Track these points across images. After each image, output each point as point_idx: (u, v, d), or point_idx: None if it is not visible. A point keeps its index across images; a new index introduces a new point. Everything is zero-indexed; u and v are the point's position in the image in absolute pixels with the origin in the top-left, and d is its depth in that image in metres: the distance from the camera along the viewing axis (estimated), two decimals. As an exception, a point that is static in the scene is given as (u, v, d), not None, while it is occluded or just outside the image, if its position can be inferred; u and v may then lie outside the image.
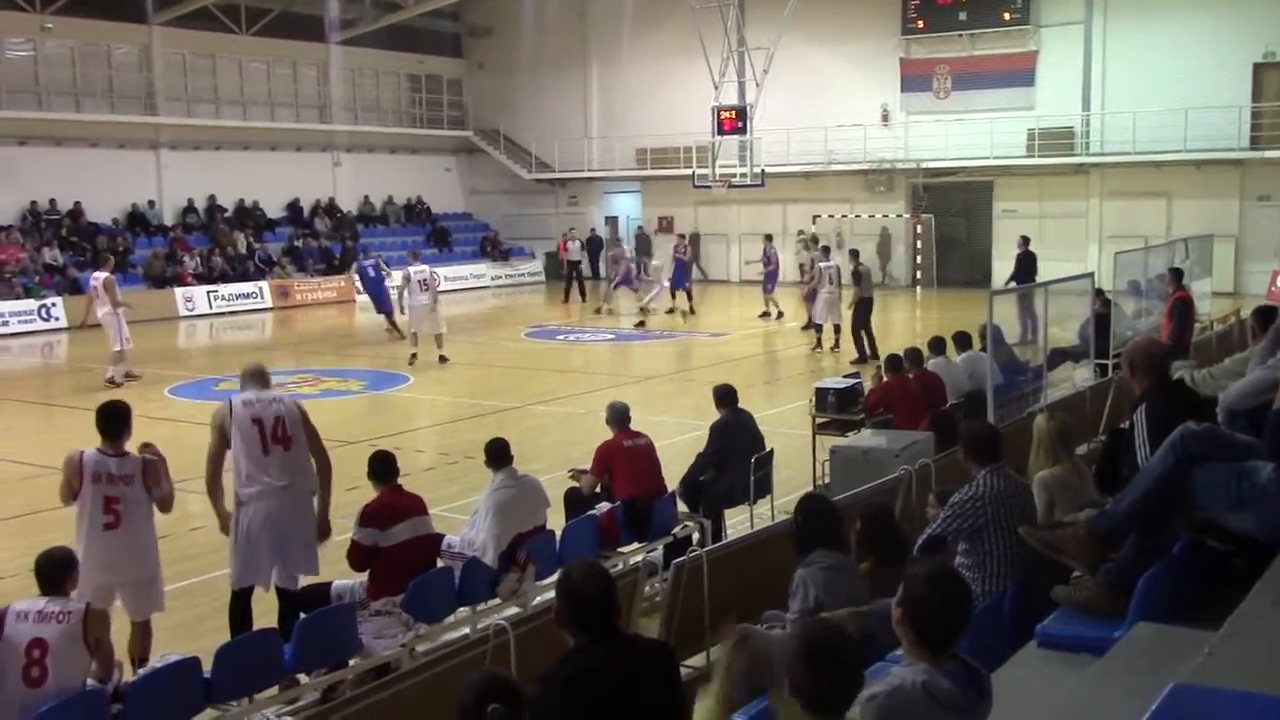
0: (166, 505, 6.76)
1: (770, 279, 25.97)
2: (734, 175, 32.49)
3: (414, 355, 20.41)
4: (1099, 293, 14.27)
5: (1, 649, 5.23)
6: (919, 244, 34.27)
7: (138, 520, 6.68)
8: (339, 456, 13.69)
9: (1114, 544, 5.04)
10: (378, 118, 40.15)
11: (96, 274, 19.57)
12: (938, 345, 12.02)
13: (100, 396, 17.32)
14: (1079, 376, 13.14)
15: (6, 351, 25.51)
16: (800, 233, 31.31)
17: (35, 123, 30.92)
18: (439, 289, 21.25)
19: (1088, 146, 31.45)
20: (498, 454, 7.75)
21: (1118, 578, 4.88)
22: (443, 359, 20.28)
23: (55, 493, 6.85)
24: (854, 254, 21.82)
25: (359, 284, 26.76)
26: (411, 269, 21.25)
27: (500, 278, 38.91)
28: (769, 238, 28.65)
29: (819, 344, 20.52)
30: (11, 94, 30.72)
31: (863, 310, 19.40)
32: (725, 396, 9.65)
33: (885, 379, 11.15)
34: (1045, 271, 22.10)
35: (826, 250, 23.18)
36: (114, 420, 6.70)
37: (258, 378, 7.15)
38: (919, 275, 34.15)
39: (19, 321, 27.42)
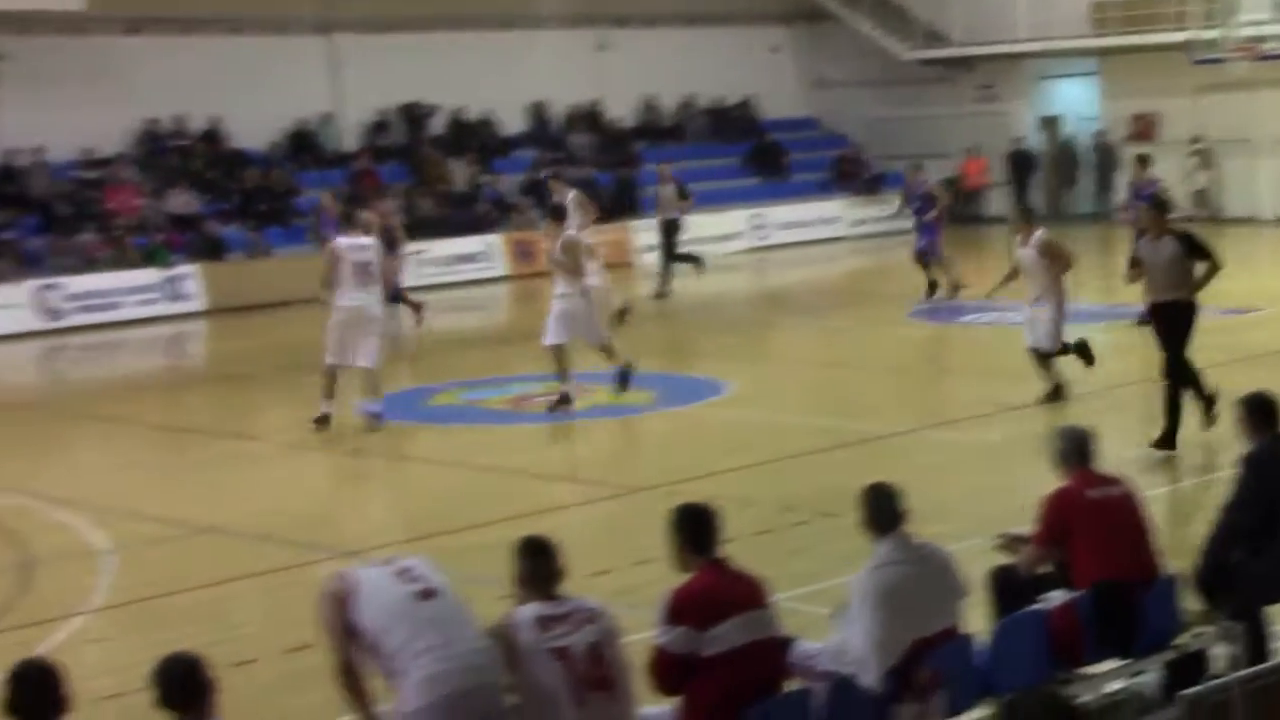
0: None
1: None
2: (1265, 39, 31.18)
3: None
4: None
5: None
6: None
7: None
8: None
9: None
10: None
11: None
12: None
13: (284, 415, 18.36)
14: None
15: (121, 348, 27.68)
16: (1194, 141, 29.16)
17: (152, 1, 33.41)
18: (396, 270, 19.18)
19: None
20: (878, 509, 7.80)
21: None
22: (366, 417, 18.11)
23: (192, 559, 7.33)
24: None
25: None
26: (342, 241, 18.45)
27: (864, 222, 38.91)
28: None
29: None
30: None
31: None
32: (1260, 413, 9.38)
33: None
34: None
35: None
36: None
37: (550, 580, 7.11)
38: None
39: (137, 302, 29.65)
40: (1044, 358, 17.41)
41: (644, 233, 35.83)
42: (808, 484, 14.49)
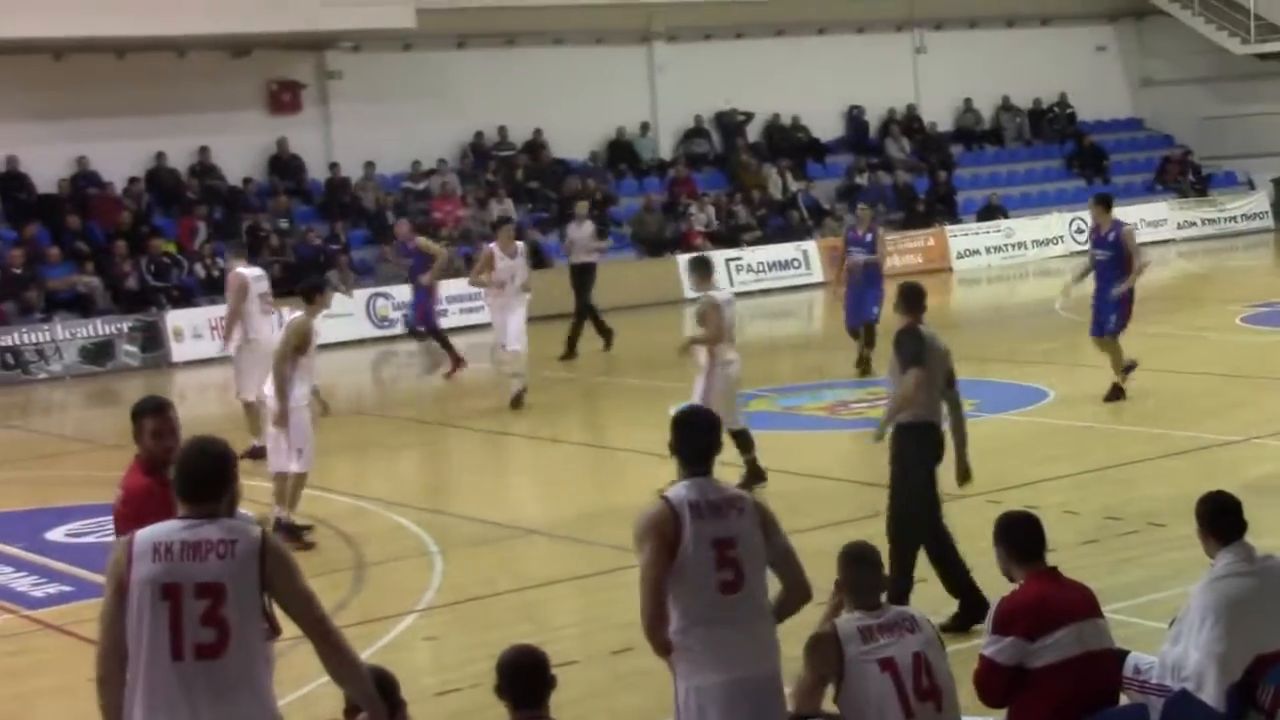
0: None
1: None
2: None
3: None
4: None
5: None
6: None
7: None
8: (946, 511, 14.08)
9: None
10: (984, -30, 40.64)
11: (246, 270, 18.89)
12: None
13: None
14: None
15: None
16: None
17: (477, 13, 34.21)
18: None
19: None
20: (1219, 518, 7.54)
21: None
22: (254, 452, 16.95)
23: (517, 561, 7.42)
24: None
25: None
26: (245, 271, 18.81)
27: (1192, 224, 37.99)
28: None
29: None
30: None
31: None
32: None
33: None
34: None
35: None
36: None
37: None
38: None
39: (460, 310, 30.33)
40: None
41: (960, 237, 35.67)
42: (1134, 493, 14.20)
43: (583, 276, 26.21)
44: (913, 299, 11.25)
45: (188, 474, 6.18)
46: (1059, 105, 41.54)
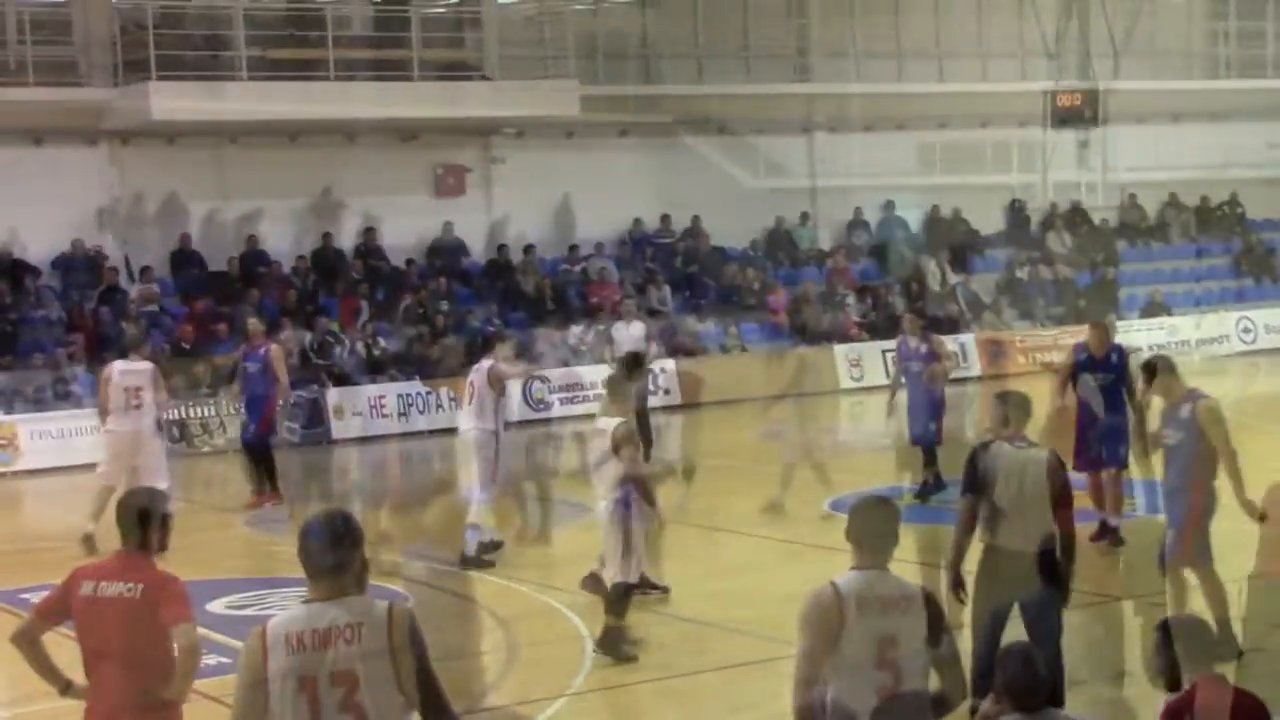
0: None
1: None
2: None
3: None
4: None
5: None
6: None
7: None
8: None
9: None
10: (1151, 66, 40.28)
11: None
12: None
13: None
14: None
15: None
16: None
17: (640, 100, 34.56)
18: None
19: None
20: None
21: None
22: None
23: (665, 648, 7.38)
24: None
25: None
26: (115, 364, 19.03)
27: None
28: None
29: None
30: (612, 60, 34.73)
31: None
32: None
33: None
34: None
35: None
36: None
37: None
38: None
39: (562, 401, 30.37)
40: None
41: (1122, 334, 35.18)
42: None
43: (634, 364, 24.93)
44: (1017, 408, 10.73)
45: (310, 551, 6.21)
46: (1228, 204, 41.01)
